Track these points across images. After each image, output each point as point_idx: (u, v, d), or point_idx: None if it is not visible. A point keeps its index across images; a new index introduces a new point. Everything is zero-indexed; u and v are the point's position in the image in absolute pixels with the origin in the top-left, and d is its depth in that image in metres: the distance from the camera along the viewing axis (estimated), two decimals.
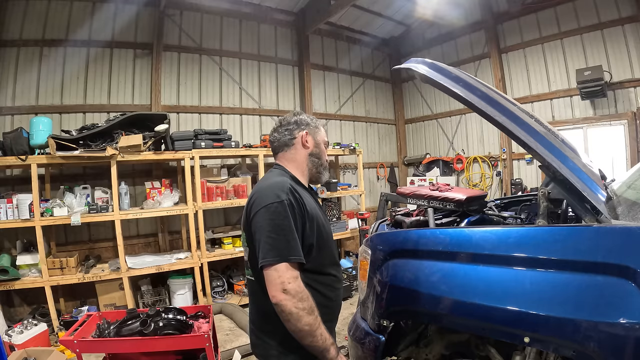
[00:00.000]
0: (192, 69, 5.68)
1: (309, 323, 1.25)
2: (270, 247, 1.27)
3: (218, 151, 4.89)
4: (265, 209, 1.31)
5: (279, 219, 1.29)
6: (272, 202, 1.31)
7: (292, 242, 1.29)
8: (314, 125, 1.63)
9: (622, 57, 5.14)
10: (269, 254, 1.27)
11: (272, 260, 1.26)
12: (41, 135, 3.88)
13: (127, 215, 4.20)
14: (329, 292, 1.46)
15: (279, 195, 1.33)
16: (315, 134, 1.61)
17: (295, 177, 1.53)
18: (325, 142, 1.65)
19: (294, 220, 1.32)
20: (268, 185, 1.40)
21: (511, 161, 6.45)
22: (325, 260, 1.46)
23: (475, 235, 1.46)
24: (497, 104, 1.64)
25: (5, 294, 4.01)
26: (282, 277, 1.24)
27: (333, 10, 6.02)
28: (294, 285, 1.25)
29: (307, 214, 1.37)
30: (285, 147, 1.58)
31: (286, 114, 1.68)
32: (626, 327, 0.99)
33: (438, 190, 2.63)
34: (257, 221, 1.33)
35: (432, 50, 7.59)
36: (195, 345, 2.33)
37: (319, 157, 1.60)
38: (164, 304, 4.54)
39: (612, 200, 1.54)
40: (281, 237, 1.28)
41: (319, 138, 1.62)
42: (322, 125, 1.68)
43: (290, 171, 1.54)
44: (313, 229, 1.39)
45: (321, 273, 1.44)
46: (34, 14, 4.59)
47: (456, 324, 1.40)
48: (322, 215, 1.52)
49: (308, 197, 1.48)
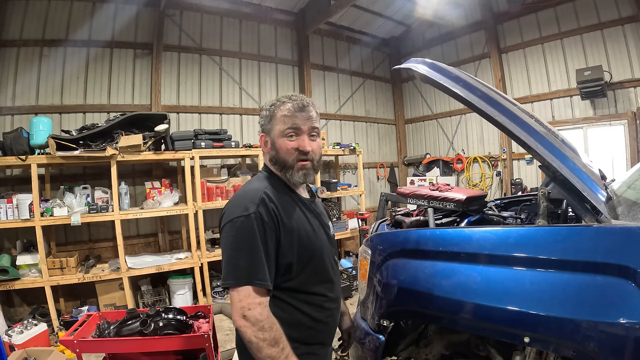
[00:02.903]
0: (192, 69, 5.68)
1: (270, 355, 1.09)
2: (232, 268, 1.15)
3: (218, 151, 4.89)
4: (230, 223, 1.18)
5: (243, 235, 1.15)
6: (237, 216, 1.17)
7: (257, 264, 1.14)
8: (267, 115, 1.32)
9: (622, 57, 5.14)
10: (230, 275, 1.15)
11: (233, 282, 1.14)
12: (41, 135, 3.88)
13: (127, 215, 4.20)
14: (317, 312, 1.27)
15: (247, 207, 1.17)
16: (270, 130, 1.32)
17: (281, 179, 1.34)
18: (284, 132, 1.28)
19: (263, 237, 1.16)
20: (241, 194, 1.27)
21: (511, 161, 6.45)
22: (311, 278, 1.27)
23: (475, 235, 1.46)
24: (497, 104, 1.64)
25: (5, 294, 4.00)
26: (243, 302, 1.11)
27: (333, 10, 6.02)
28: (255, 312, 1.11)
29: (282, 227, 1.20)
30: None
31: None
32: (626, 327, 0.99)
33: (438, 190, 2.63)
34: (222, 237, 1.21)
35: (432, 50, 7.59)
36: (195, 345, 2.33)
37: (276, 162, 1.31)
38: (164, 304, 4.54)
39: (612, 200, 1.54)
40: (244, 257, 1.14)
41: (273, 134, 1.30)
42: (279, 105, 1.31)
43: (275, 172, 1.34)
44: (292, 244, 1.22)
45: (306, 292, 1.26)
46: (34, 14, 4.59)
47: (456, 324, 1.41)
48: (310, 225, 1.31)
49: (291, 203, 1.29)
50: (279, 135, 1.29)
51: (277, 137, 1.29)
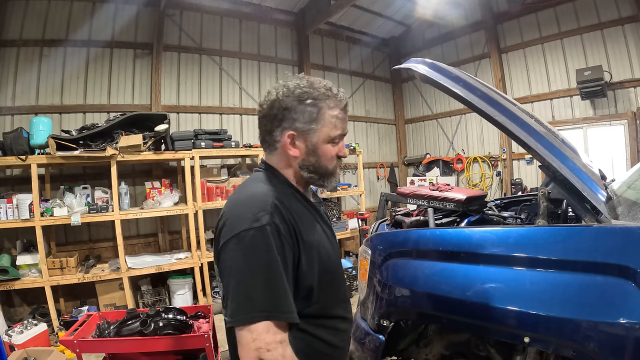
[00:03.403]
0: (192, 69, 5.68)
1: None
2: (244, 300, 0.87)
3: (218, 151, 4.89)
4: (236, 240, 0.90)
5: (256, 254, 0.89)
6: (246, 229, 0.90)
7: (278, 291, 0.89)
8: (310, 117, 1.02)
9: (622, 57, 5.13)
10: (241, 309, 0.87)
11: (245, 318, 0.86)
12: (41, 135, 3.88)
13: (127, 215, 4.20)
14: (333, 337, 1.06)
15: (258, 216, 0.91)
16: (309, 133, 1.03)
17: (289, 182, 1.08)
18: (336, 137, 1.06)
19: (282, 255, 0.91)
20: (245, 199, 0.99)
21: (511, 161, 6.44)
22: (331, 300, 1.07)
23: (475, 235, 1.47)
24: (497, 104, 1.64)
25: (5, 294, 4.00)
26: (259, 341, 0.85)
27: (333, 10, 6.02)
28: (276, 355, 0.85)
29: (302, 242, 0.97)
30: (268, 149, 1.10)
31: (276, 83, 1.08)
32: (626, 327, 0.99)
33: (438, 190, 2.63)
34: (225, 258, 0.93)
35: (432, 50, 7.58)
36: (196, 345, 2.33)
37: (314, 170, 1.06)
38: (164, 304, 4.54)
39: (612, 200, 1.54)
40: (260, 284, 0.88)
41: (317, 137, 1.03)
42: (331, 106, 1.04)
43: (282, 173, 1.09)
44: (313, 264, 0.99)
45: (325, 317, 1.05)
46: (34, 14, 4.59)
47: (456, 324, 1.41)
48: (327, 237, 1.09)
49: (305, 212, 1.05)
50: (325, 140, 1.04)
51: (323, 143, 1.04)
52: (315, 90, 1.03)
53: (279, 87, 1.05)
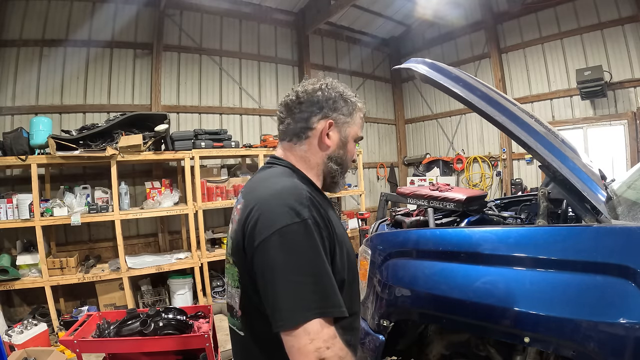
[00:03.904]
0: (192, 69, 5.68)
1: None
2: (297, 298, 0.82)
3: (218, 151, 4.89)
4: (279, 235, 0.84)
5: (303, 251, 0.85)
6: (288, 224, 0.85)
7: (327, 286, 0.85)
8: (348, 110, 1.07)
9: (622, 57, 5.13)
10: (295, 309, 0.81)
11: (300, 318, 0.80)
12: (41, 135, 3.88)
13: (127, 215, 4.20)
14: (351, 336, 1.00)
15: (298, 210, 0.86)
16: (344, 126, 1.07)
17: (309, 179, 1.06)
18: (358, 138, 1.12)
19: (324, 249, 0.88)
20: (277, 191, 0.92)
21: (511, 161, 6.44)
22: (355, 297, 1.06)
23: (475, 235, 1.47)
24: (497, 104, 1.64)
25: (5, 294, 4.00)
26: (317, 341, 0.80)
27: (333, 10, 6.02)
28: (336, 350, 0.82)
29: (335, 235, 0.95)
30: (295, 138, 1.06)
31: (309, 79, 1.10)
32: (626, 327, 0.99)
33: (438, 190, 2.63)
34: (267, 257, 0.86)
35: (432, 50, 7.58)
36: (196, 345, 2.33)
37: (341, 163, 1.09)
38: (164, 304, 4.54)
39: (612, 200, 1.54)
40: (311, 280, 0.83)
41: (349, 132, 1.08)
42: (361, 109, 1.11)
43: (301, 170, 1.06)
44: (343, 259, 0.97)
45: (349, 315, 0.97)
46: (34, 14, 4.59)
47: (456, 324, 1.41)
48: (344, 231, 1.09)
49: (330, 209, 1.04)
50: (353, 137, 1.10)
51: (351, 139, 1.09)
52: (350, 92, 1.10)
53: (315, 81, 1.08)
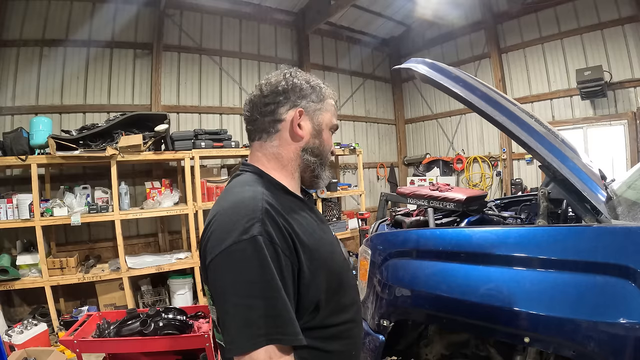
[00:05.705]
0: (192, 69, 5.68)
1: None
2: (241, 324, 0.76)
3: (218, 151, 4.89)
4: (224, 255, 0.79)
5: (250, 271, 0.78)
6: (235, 242, 0.78)
7: (279, 310, 0.77)
8: (317, 97, 1.01)
9: (622, 57, 5.13)
10: (239, 336, 0.76)
11: (245, 346, 0.75)
12: (41, 135, 3.87)
13: (127, 215, 4.20)
14: (344, 346, 0.95)
15: (247, 227, 0.80)
16: (316, 113, 1.00)
17: (278, 183, 0.97)
18: (333, 126, 1.05)
19: (278, 268, 0.80)
20: (229, 206, 0.87)
21: (511, 161, 6.44)
22: (339, 306, 0.95)
23: (475, 235, 1.47)
24: (497, 104, 1.64)
25: (5, 294, 4.00)
26: None
27: (333, 10, 6.02)
28: None
29: (301, 248, 0.85)
30: (265, 134, 0.99)
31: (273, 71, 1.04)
32: (626, 327, 0.99)
33: (438, 190, 2.63)
34: (214, 278, 0.82)
35: (432, 50, 7.58)
36: (196, 345, 2.33)
37: (318, 154, 1.01)
38: (164, 304, 4.54)
39: (612, 200, 1.54)
40: (259, 304, 0.76)
41: (321, 119, 1.01)
42: (331, 96, 1.05)
43: (268, 173, 0.98)
44: (318, 272, 0.88)
45: (333, 325, 0.92)
46: (34, 14, 4.59)
47: (456, 324, 1.41)
48: (325, 234, 0.99)
49: (302, 214, 0.94)
50: (327, 125, 1.03)
51: (326, 128, 1.03)
52: (317, 79, 1.05)
53: (278, 73, 1.02)
